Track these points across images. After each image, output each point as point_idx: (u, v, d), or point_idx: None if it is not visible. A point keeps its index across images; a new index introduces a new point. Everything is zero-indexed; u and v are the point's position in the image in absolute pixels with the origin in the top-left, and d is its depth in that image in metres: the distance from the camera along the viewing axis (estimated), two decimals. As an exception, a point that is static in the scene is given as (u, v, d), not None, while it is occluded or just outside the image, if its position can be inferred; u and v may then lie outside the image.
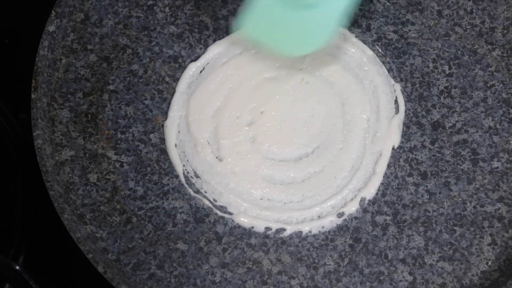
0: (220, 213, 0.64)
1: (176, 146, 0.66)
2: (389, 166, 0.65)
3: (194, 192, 0.64)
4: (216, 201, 0.64)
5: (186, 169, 0.65)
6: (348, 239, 0.63)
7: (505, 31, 0.70)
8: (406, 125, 0.67)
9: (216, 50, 0.70)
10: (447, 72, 0.69)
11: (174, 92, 0.68)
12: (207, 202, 0.64)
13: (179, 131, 0.67)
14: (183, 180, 0.65)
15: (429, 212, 0.64)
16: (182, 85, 0.68)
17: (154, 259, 0.62)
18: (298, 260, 0.62)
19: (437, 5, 0.72)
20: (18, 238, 0.69)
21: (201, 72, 0.69)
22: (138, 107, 0.68)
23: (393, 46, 0.70)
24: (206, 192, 0.65)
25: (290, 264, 0.62)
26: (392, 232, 0.63)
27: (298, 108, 0.67)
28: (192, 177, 0.65)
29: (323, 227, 0.63)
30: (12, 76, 0.74)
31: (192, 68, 0.69)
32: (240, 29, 0.64)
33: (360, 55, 0.69)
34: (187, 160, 0.66)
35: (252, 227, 0.63)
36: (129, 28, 0.71)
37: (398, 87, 0.68)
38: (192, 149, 0.66)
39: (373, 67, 0.69)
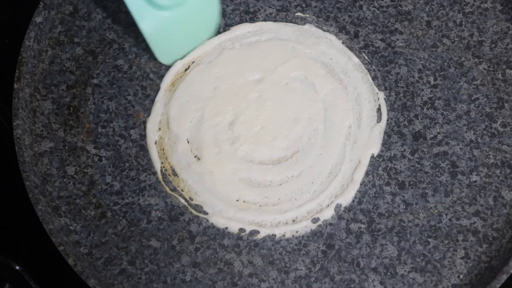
0: (195, 212, 0.64)
1: (155, 143, 0.66)
2: (367, 174, 0.65)
3: (171, 190, 0.64)
4: (192, 199, 0.64)
5: (164, 167, 0.65)
6: (321, 245, 0.63)
7: (493, 45, 0.70)
8: (387, 134, 0.67)
9: (203, 49, 0.70)
10: (432, 83, 0.69)
11: (157, 89, 0.68)
12: (182, 201, 0.64)
13: (159, 128, 0.67)
14: (160, 177, 0.65)
15: (404, 222, 0.64)
16: (166, 82, 0.68)
17: (126, 254, 0.62)
18: (269, 263, 0.62)
19: (426, 16, 0.71)
20: (18, 238, 0.69)
21: (186, 70, 0.69)
22: (120, 102, 0.68)
23: (379, 54, 0.70)
24: (182, 191, 0.65)
25: (262, 267, 0.62)
26: (366, 240, 0.63)
27: (280, 112, 0.67)
28: (169, 175, 0.65)
29: (297, 231, 0.63)
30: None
31: (178, 66, 0.69)
32: (162, 60, 0.69)
33: (345, 61, 0.69)
34: (166, 158, 0.66)
35: (226, 228, 0.63)
36: (117, 23, 0.71)
37: (381, 95, 0.68)
38: (171, 146, 0.66)
39: (358, 74, 0.69)
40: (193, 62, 0.69)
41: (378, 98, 0.68)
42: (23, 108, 0.65)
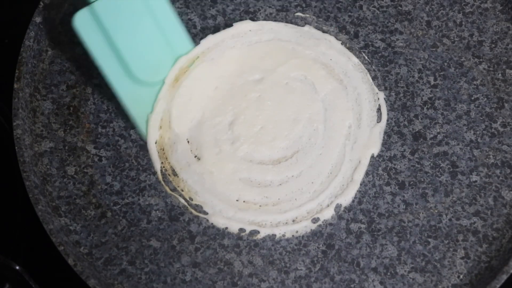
0: (195, 212, 0.64)
1: (156, 143, 0.66)
2: (367, 174, 0.65)
3: (171, 190, 0.64)
4: (192, 199, 0.64)
5: (164, 166, 0.65)
6: (321, 245, 0.63)
7: (493, 45, 0.70)
8: (387, 134, 0.67)
9: (206, 44, 0.69)
10: (432, 83, 0.69)
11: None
12: (182, 201, 0.64)
13: (160, 127, 0.67)
14: (160, 177, 0.65)
15: (404, 222, 0.63)
16: (170, 78, 0.68)
17: (126, 254, 0.62)
18: (269, 263, 0.62)
19: (426, 16, 0.71)
20: (18, 238, 0.69)
21: (189, 66, 0.69)
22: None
23: (379, 54, 0.70)
24: (182, 191, 0.65)
25: (262, 267, 0.62)
26: (366, 240, 0.63)
27: (280, 112, 0.67)
28: (169, 175, 0.65)
29: (297, 231, 0.63)
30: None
31: (182, 61, 0.68)
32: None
33: (345, 62, 0.69)
34: (166, 158, 0.66)
35: (226, 228, 0.63)
36: (117, 23, 0.71)
37: (381, 95, 0.68)
38: (171, 146, 0.66)
39: (358, 74, 0.69)
40: (197, 58, 0.69)
41: (378, 98, 0.68)
42: (23, 108, 0.65)
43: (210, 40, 0.70)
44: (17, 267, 0.62)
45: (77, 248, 0.62)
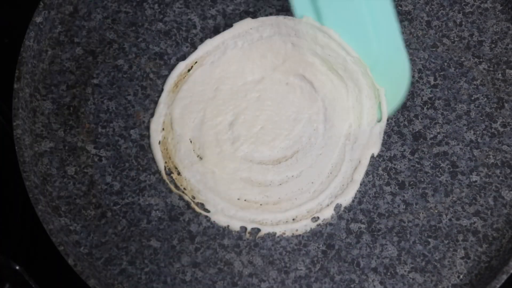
0: (198, 210, 0.63)
1: (159, 143, 0.66)
2: (367, 174, 0.65)
3: (175, 188, 0.64)
4: (194, 198, 0.64)
5: (167, 166, 0.65)
6: (321, 245, 0.63)
7: (493, 45, 0.70)
8: (387, 134, 0.67)
9: (205, 49, 0.70)
10: (432, 83, 0.69)
11: (158, 89, 0.68)
12: (187, 198, 0.64)
13: (163, 129, 0.67)
14: (164, 176, 0.65)
15: (404, 222, 0.64)
16: (169, 84, 0.68)
17: (126, 254, 0.62)
18: (269, 263, 0.62)
19: (426, 16, 0.71)
20: (18, 238, 0.69)
21: (189, 71, 0.69)
22: (120, 102, 0.68)
23: (379, 54, 0.70)
24: (185, 189, 0.64)
25: (262, 267, 0.62)
26: (366, 240, 0.63)
27: (280, 111, 0.67)
28: (173, 174, 0.65)
29: (297, 230, 0.63)
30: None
31: (181, 67, 0.69)
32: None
33: (344, 55, 0.68)
34: (169, 157, 0.66)
35: (228, 226, 0.63)
36: (117, 23, 0.71)
37: (382, 91, 0.67)
38: (174, 146, 0.66)
39: (357, 69, 0.68)
40: (195, 63, 0.69)
41: (379, 95, 0.68)
42: (23, 108, 0.65)
43: (208, 44, 0.70)
44: (17, 267, 0.62)
45: (77, 248, 0.62)
